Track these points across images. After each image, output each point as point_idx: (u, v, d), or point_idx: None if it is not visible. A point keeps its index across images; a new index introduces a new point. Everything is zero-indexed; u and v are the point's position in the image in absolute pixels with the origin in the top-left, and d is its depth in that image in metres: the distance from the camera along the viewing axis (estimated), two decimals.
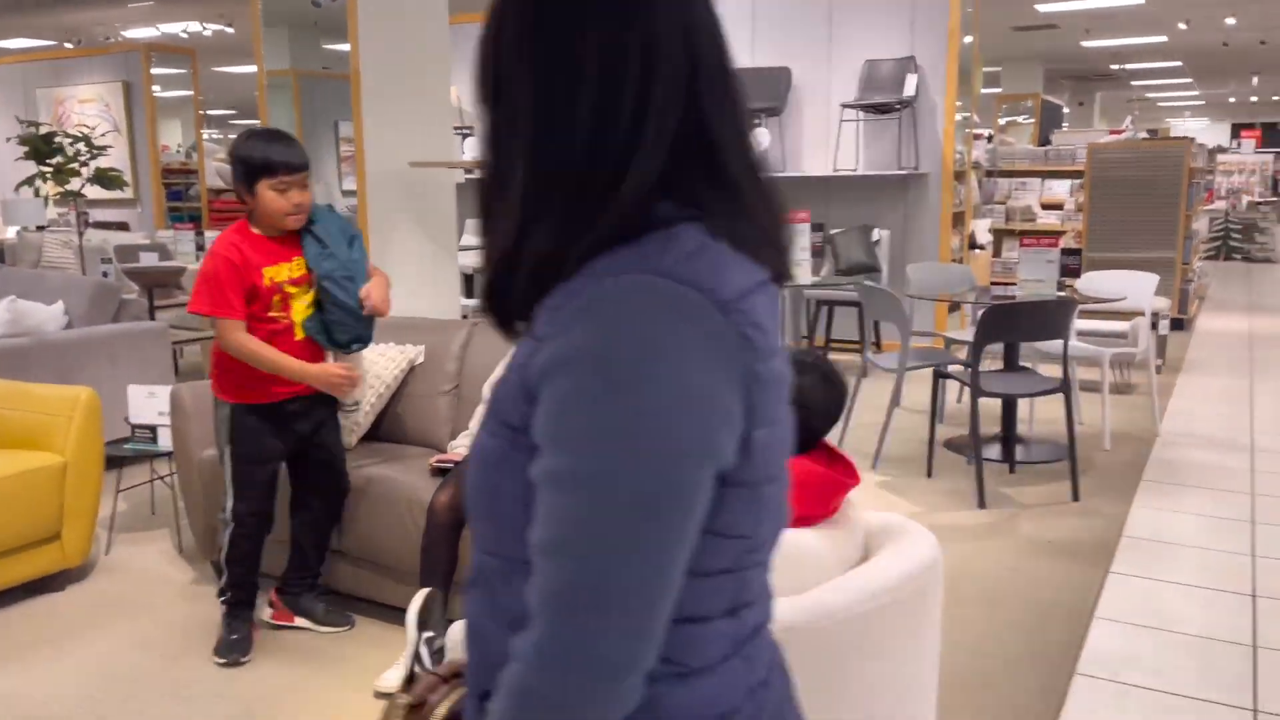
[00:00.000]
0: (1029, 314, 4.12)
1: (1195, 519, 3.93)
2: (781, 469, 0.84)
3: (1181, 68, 18.39)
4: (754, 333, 0.76)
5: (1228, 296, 11.09)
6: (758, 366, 0.76)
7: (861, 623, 1.58)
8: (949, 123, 7.14)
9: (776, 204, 0.85)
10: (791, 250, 0.89)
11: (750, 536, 0.81)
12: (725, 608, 0.82)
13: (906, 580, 1.63)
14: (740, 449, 0.76)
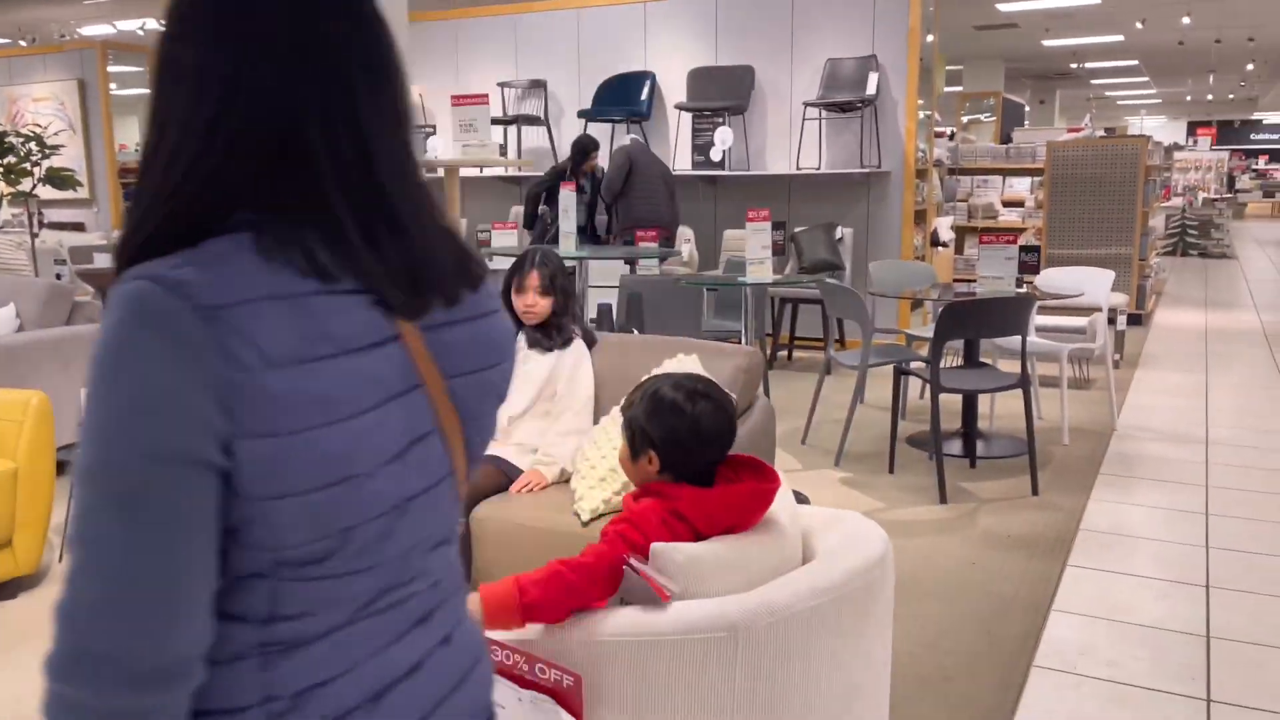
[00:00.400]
0: (988, 310, 4.16)
1: (1151, 511, 3.99)
2: (338, 482, 0.80)
3: (1138, 66, 18.67)
4: (236, 342, 0.75)
5: (1184, 292, 11.27)
6: (237, 376, 0.75)
7: (807, 618, 1.59)
8: (911, 121, 7.20)
9: (409, 224, 0.85)
10: (429, 269, 0.86)
11: (280, 549, 0.80)
12: (250, 612, 0.82)
13: (853, 576, 1.64)
14: (231, 457, 0.76)
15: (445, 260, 0.89)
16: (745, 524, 1.72)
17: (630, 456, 1.78)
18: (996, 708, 2.54)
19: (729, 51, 7.72)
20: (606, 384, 3.06)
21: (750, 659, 1.56)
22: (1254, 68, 18.28)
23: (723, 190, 7.91)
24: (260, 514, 0.78)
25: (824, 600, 1.59)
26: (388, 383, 0.84)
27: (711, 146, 7.45)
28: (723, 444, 1.76)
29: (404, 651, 0.90)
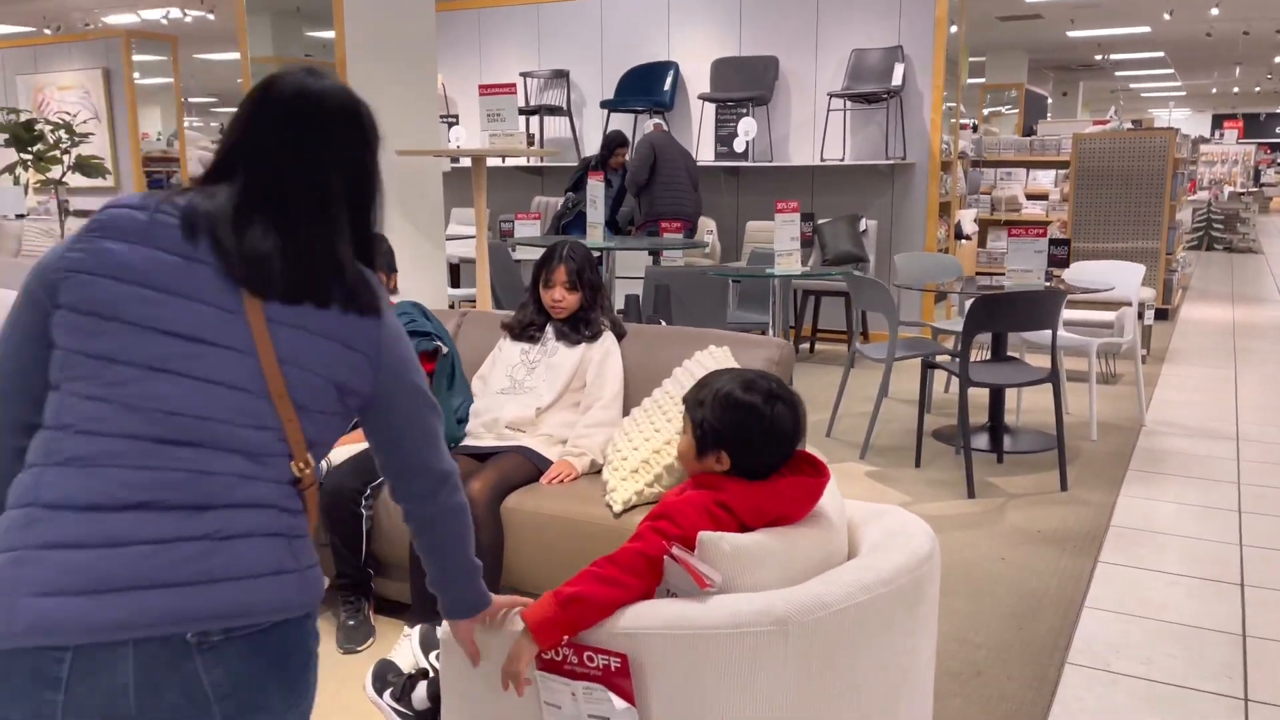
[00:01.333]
0: (1019, 304, 4.12)
1: (1182, 508, 3.95)
2: (112, 358, 1.16)
3: (1164, 58, 18.47)
4: (76, 252, 1.18)
5: (1210, 286, 11.16)
6: (59, 274, 1.17)
7: (857, 614, 1.57)
8: (936, 112, 7.14)
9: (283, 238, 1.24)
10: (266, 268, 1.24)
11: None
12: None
13: (902, 572, 1.63)
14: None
15: (285, 271, 1.22)
16: (793, 517, 1.70)
17: (695, 454, 1.76)
18: (1030, 703, 2.53)
19: (753, 42, 7.68)
20: (636, 375, 3.05)
21: (799, 653, 1.55)
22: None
23: (745, 181, 7.87)
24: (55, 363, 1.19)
25: (874, 595, 1.58)
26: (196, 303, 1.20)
27: (735, 137, 7.42)
28: (795, 445, 1.74)
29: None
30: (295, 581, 1.20)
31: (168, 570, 1.10)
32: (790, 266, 4.57)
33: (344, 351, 1.25)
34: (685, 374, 2.80)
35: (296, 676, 1.21)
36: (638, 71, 7.97)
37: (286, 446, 1.22)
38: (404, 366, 1.33)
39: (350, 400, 1.29)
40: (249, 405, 1.19)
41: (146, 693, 1.09)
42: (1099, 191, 8.37)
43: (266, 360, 1.19)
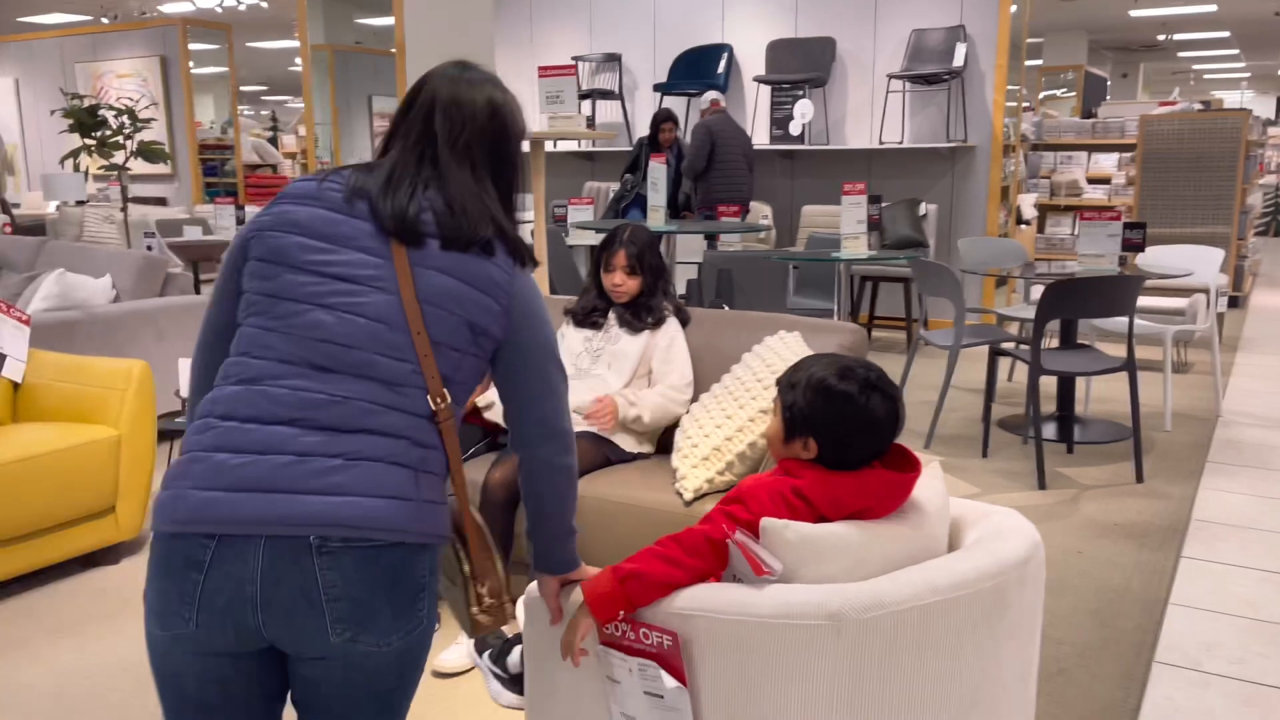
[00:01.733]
0: (1094, 290, 3.99)
1: (1266, 502, 3.81)
2: (281, 296, 1.36)
3: (1230, 38, 17.92)
4: (264, 216, 1.41)
5: (1279, 273, 10.83)
6: (250, 234, 1.41)
7: (920, 617, 1.46)
8: (999, 94, 6.96)
9: (391, 185, 1.42)
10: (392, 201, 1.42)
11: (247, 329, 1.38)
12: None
13: (983, 577, 1.52)
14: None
15: (435, 225, 1.40)
16: (876, 511, 1.62)
17: (783, 438, 1.69)
18: (1119, 703, 2.43)
19: (809, 22, 7.54)
20: (703, 360, 2.98)
21: (853, 652, 1.47)
22: None
23: (800, 164, 7.75)
24: (243, 309, 1.42)
25: (944, 599, 1.48)
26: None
27: (790, 120, 7.30)
28: (890, 438, 1.66)
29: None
30: (413, 509, 1.30)
31: (301, 480, 1.25)
32: (857, 250, 4.46)
33: (478, 295, 1.38)
34: (756, 359, 2.72)
35: (407, 602, 1.31)
36: (691, 54, 7.87)
37: (423, 379, 1.34)
38: (535, 319, 1.44)
39: (484, 341, 1.41)
40: (390, 337, 1.33)
41: (270, 583, 1.24)
42: (1166, 175, 8.12)
43: (407, 298, 1.34)
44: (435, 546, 1.36)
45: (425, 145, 1.44)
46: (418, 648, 1.37)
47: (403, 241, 1.37)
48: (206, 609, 1.25)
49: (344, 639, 1.28)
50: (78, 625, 2.90)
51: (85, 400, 3.27)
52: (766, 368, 2.63)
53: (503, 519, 2.70)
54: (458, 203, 1.40)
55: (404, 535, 1.29)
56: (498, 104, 1.48)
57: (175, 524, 1.26)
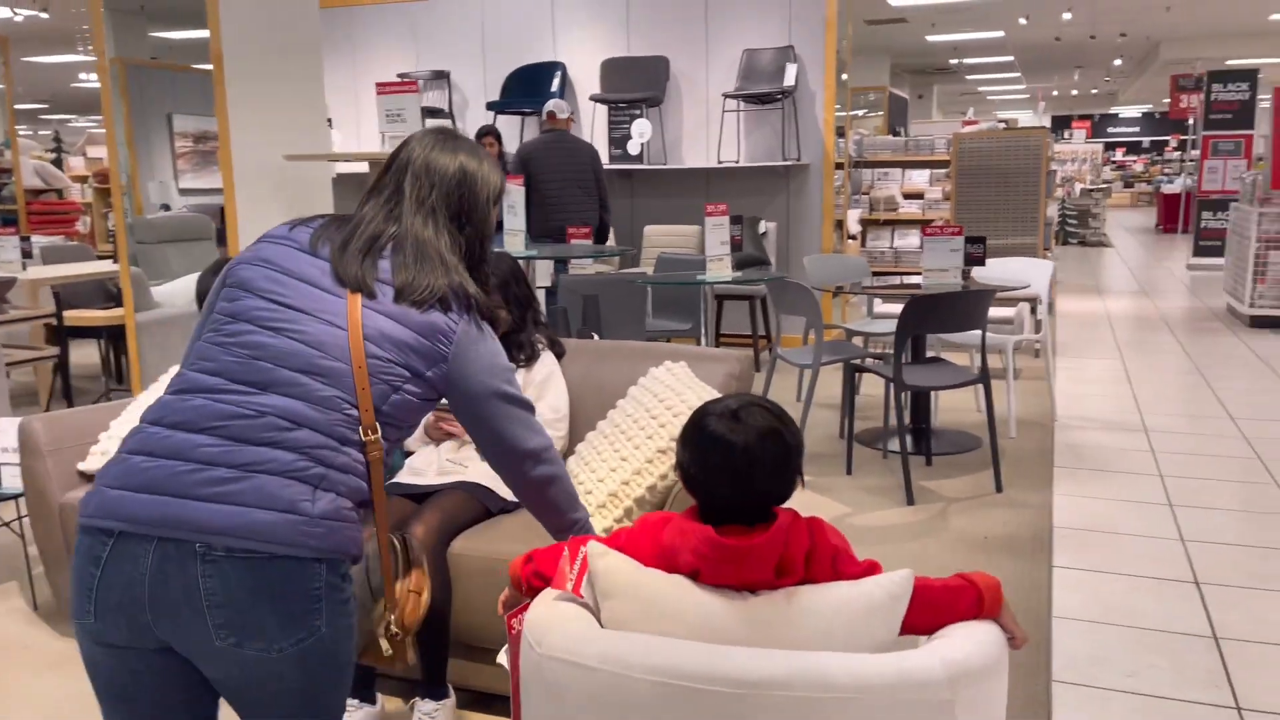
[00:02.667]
0: (951, 305, 4.05)
1: (1116, 505, 3.95)
2: (235, 316, 1.47)
3: (1012, 61, 19.31)
4: (246, 251, 1.55)
5: (1075, 280, 11.63)
6: (231, 266, 1.54)
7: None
8: (829, 113, 7.11)
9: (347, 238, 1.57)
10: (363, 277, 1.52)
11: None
12: None
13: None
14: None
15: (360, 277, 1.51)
16: (709, 575, 1.39)
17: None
18: None
19: (641, 41, 7.49)
20: (584, 397, 2.79)
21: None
22: (1121, 63, 19.12)
23: (640, 184, 7.68)
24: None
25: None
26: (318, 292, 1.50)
27: (629, 139, 7.21)
28: (743, 479, 1.40)
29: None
30: (303, 525, 1.34)
31: (194, 487, 1.32)
32: (722, 272, 4.37)
33: (421, 341, 1.49)
34: (644, 393, 2.55)
35: (296, 612, 1.34)
36: (523, 72, 7.67)
37: (356, 410, 1.43)
38: (477, 363, 1.55)
39: (422, 385, 1.50)
40: (324, 363, 1.43)
41: (157, 584, 1.31)
42: (978, 189, 8.53)
43: (354, 336, 1.44)
44: (336, 561, 1.39)
45: (394, 203, 1.59)
46: (323, 652, 1.39)
47: (356, 290, 1.49)
48: (102, 603, 1.33)
49: (228, 644, 1.33)
50: None
51: None
52: (659, 402, 2.46)
53: (438, 572, 2.38)
54: (414, 259, 1.53)
55: (290, 549, 1.33)
56: (468, 170, 1.63)
57: (85, 517, 1.36)
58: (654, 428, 2.40)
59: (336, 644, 1.42)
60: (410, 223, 1.56)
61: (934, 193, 10.86)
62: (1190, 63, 16.64)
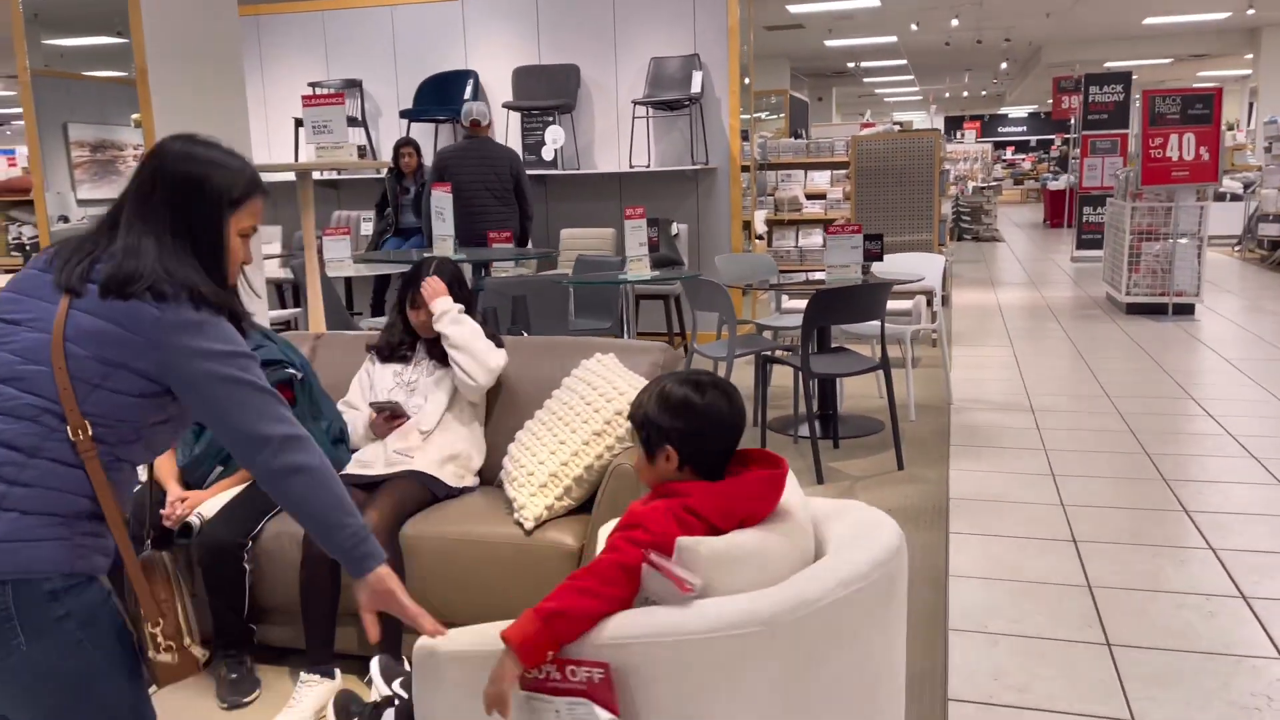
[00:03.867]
0: (852, 298, 4.37)
1: (1006, 476, 4.32)
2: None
3: (907, 65, 20.09)
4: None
5: (968, 273, 12.23)
6: None
7: (835, 611, 1.61)
8: (734, 118, 7.43)
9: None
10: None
11: None
12: None
13: (876, 566, 1.68)
14: None
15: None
16: (760, 514, 1.73)
17: (647, 459, 1.76)
18: (929, 671, 2.69)
19: (552, 50, 7.70)
20: (523, 388, 3.00)
21: (784, 653, 1.58)
22: (1007, 66, 20.06)
23: (554, 189, 7.88)
24: None
25: (852, 591, 1.62)
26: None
27: (543, 146, 7.41)
28: (736, 430, 1.77)
29: None
30: None
31: None
32: (642, 271, 4.62)
33: (126, 335, 1.49)
34: (578, 383, 2.78)
35: None
36: (436, 80, 7.80)
37: (60, 413, 1.45)
38: (190, 352, 1.51)
39: (132, 379, 1.50)
40: (25, 370, 1.46)
41: None
42: (876, 189, 8.98)
43: (55, 337, 1.46)
44: (25, 582, 1.40)
45: (120, 206, 1.60)
46: (38, 668, 1.41)
47: (67, 291, 1.51)
48: None
49: None
50: None
51: None
52: (592, 389, 2.69)
53: (328, 569, 2.59)
54: (125, 255, 1.53)
55: None
56: (195, 175, 1.59)
57: None
58: (589, 413, 2.63)
59: (55, 660, 1.42)
60: (129, 224, 1.56)
61: (835, 193, 11.32)
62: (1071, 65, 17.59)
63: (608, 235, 7.30)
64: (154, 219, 1.56)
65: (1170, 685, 2.59)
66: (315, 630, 2.58)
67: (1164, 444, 4.72)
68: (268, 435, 1.54)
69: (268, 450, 1.54)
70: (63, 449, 1.44)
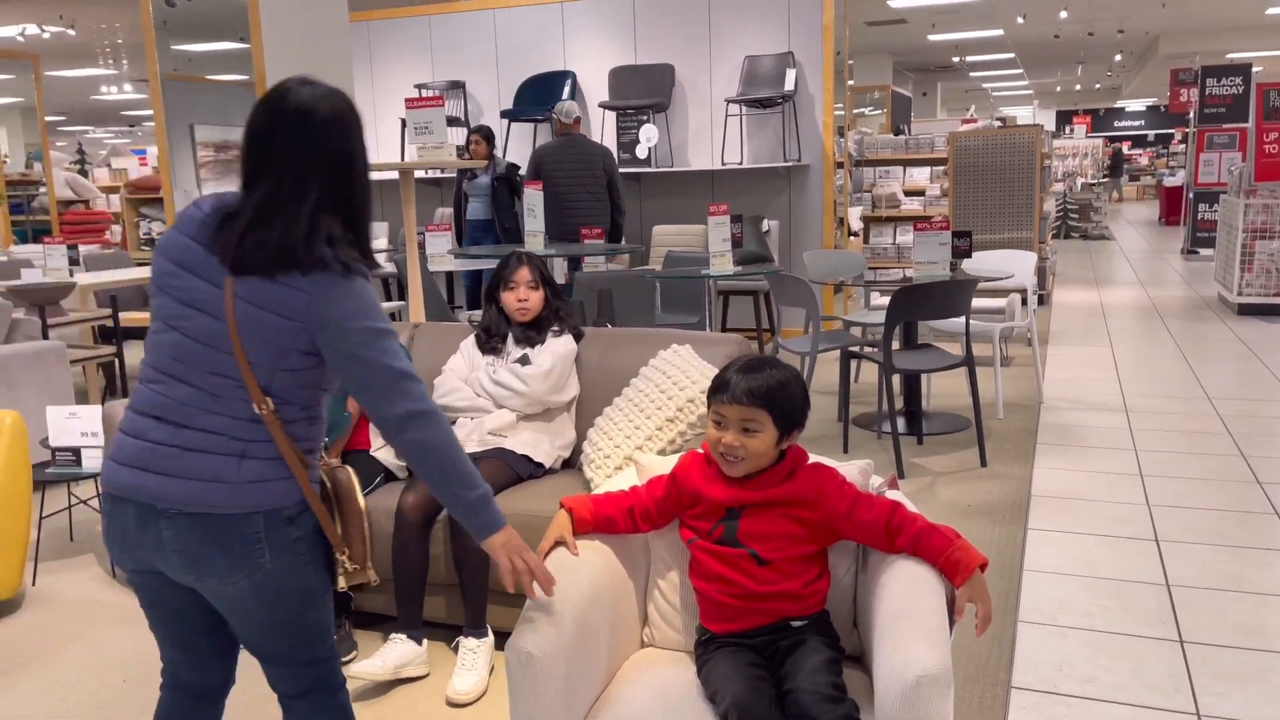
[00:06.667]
0: (935, 294, 4.38)
1: (1092, 475, 4.28)
2: (155, 315, 1.69)
3: (1014, 59, 19.60)
4: (162, 239, 1.69)
5: (1073, 272, 11.92)
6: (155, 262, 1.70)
7: None
8: (828, 115, 7.45)
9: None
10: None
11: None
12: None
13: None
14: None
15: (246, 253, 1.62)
16: None
17: (777, 441, 1.89)
18: (994, 659, 2.73)
19: (648, 50, 7.85)
20: (602, 376, 3.14)
21: None
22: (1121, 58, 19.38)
23: (647, 186, 8.03)
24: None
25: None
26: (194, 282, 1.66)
27: (637, 144, 7.56)
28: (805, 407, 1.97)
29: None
30: (226, 490, 1.62)
31: (152, 462, 1.62)
32: (724, 267, 4.73)
33: (279, 320, 1.61)
34: (655, 372, 2.90)
35: (240, 553, 1.63)
36: (535, 81, 8.03)
37: (245, 390, 1.63)
38: (339, 329, 1.62)
39: (293, 357, 1.64)
40: (213, 359, 1.63)
41: (138, 532, 1.64)
42: (974, 186, 8.86)
43: (230, 324, 1.61)
44: (274, 511, 1.64)
45: (257, 175, 1.64)
46: (278, 585, 1.66)
47: (228, 268, 1.62)
48: (116, 544, 1.67)
49: (190, 579, 1.65)
50: None
51: None
52: (667, 378, 2.81)
53: (418, 540, 2.78)
54: (276, 236, 1.61)
55: (226, 509, 1.61)
56: (346, 150, 1.67)
57: (101, 482, 1.72)
58: (662, 400, 2.75)
59: (290, 577, 1.67)
60: (275, 200, 1.62)
61: (934, 189, 11.18)
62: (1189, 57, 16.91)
63: (698, 232, 7.41)
64: (305, 193, 1.62)
65: (1241, 682, 2.58)
66: (406, 596, 2.77)
67: (1262, 447, 4.60)
68: (402, 413, 1.63)
69: (409, 427, 1.64)
70: (249, 415, 1.64)
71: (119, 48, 13.66)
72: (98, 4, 10.90)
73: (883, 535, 1.83)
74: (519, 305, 3.09)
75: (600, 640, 1.87)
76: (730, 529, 1.86)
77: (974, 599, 1.74)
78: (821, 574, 1.90)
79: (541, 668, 1.70)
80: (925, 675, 1.52)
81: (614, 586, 1.96)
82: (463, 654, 2.71)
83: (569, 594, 1.81)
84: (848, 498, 1.87)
